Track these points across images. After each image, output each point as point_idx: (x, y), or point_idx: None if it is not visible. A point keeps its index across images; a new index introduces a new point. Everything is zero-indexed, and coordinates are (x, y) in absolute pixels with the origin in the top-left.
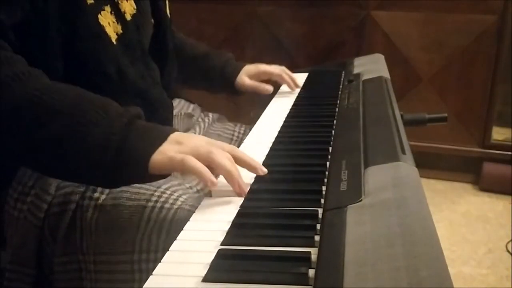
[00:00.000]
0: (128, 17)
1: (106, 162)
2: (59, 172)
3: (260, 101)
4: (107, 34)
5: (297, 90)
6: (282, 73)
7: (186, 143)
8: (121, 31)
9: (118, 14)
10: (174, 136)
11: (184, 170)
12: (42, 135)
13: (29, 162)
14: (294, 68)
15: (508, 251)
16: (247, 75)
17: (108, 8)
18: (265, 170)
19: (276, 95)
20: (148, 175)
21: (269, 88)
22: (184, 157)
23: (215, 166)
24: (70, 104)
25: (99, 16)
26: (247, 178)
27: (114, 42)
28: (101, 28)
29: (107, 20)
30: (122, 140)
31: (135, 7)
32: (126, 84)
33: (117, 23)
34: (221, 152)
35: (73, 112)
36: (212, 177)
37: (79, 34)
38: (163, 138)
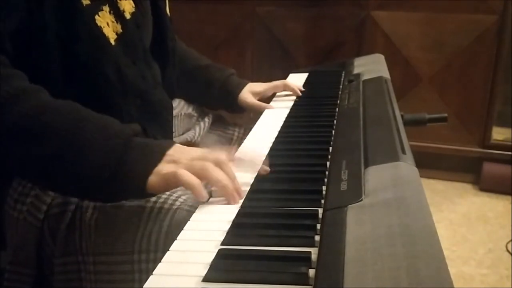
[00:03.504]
0: (128, 16)
1: (103, 182)
2: (56, 188)
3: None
4: (105, 35)
5: None
6: (287, 82)
7: (181, 160)
8: (121, 30)
9: (117, 13)
10: (170, 153)
11: (177, 184)
12: (39, 154)
13: (27, 177)
14: (294, 68)
15: (508, 251)
16: (251, 92)
17: (106, 8)
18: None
19: (276, 96)
20: (145, 194)
21: (271, 108)
22: (177, 171)
23: (210, 182)
24: (67, 123)
25: (97, 17)
26: (247, 178)
27: (113, 43)
28: (99, 29)
29: (105, 20)
30: (118, 161)
31: (134, 6)
32: (126, 85)
33: (117, 22)
34: (214, 168)
35: (70, 132)
36: (204, 192)
37: (77, 37)
38: (159, 158)
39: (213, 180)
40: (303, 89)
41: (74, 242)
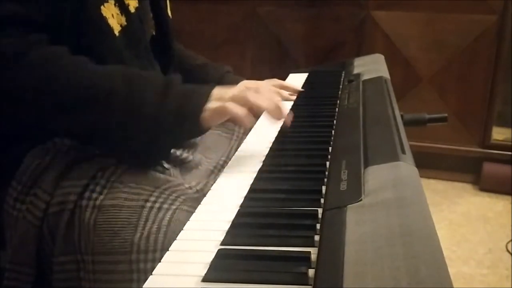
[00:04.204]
0: (132, 10)
1: (167, 128)
2: (121, 146)
3: None
4: (110, 25)
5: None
6: (282, 92)
7: (226, 96)
8: (125, 23)
9: (122, 6)
10: (215, 92)
11: (227, 115)
12: (105, 118)
13: (93, 143)
14: (294, 68)
15: (508, 251)
16: None
17: (111, 1)
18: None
19: None
20: (201, 129)
21: None
22: (224, 104)
23: (254, 107)
24: (123, 87)
25: (102, 7)
26: (244, 186)
27: (117, 34)
28: (104, 19)
29: (110, 12)
30: (177, 108)
31: (138, 2)
32: None
33: (121, 14)
34: (254, 95)
35: (128, 92)
36: (250, 119)
37: (82, 27)
38: (207, 97)
39: (255, 106)
40: (301, 90)
41: (73, 241)
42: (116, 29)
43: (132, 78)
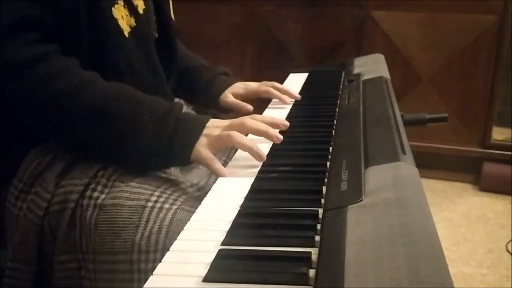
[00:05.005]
0: (141, 11)
1: (158, 153)
2: (116, 162)
3: (260, 102)
4: (120, 26)
5: (297, 90)
6: (270, 89)
7: (214, 134)
8: (134, 24)
9: (131, 8)
10: (205, 131)
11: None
12: (104, 137)
13: (90, 156)
14: (294, 68)
15: (508, 251)
16: (232, 93)
17: (121, 2)
18: (287, 124)
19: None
20: (188, 161)
21: (249, 108)
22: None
23: (238, 147)
24: (126, 108)
25: (113, 9)
26: (244, 186)
27: (127, 35)
28: (115, 21)
29: (120, 13)
30: (169, 138)
31: (144, 4)
32: (136, 78)
33: (130, 16)
34: (237, 135)
35: (129, 115)
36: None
37: (94, 27)
38: (197, 136)
39: (240, 146)
40: (297, 96)
41: (74, 240)
42: (126, 30)
43: (136, 103)
